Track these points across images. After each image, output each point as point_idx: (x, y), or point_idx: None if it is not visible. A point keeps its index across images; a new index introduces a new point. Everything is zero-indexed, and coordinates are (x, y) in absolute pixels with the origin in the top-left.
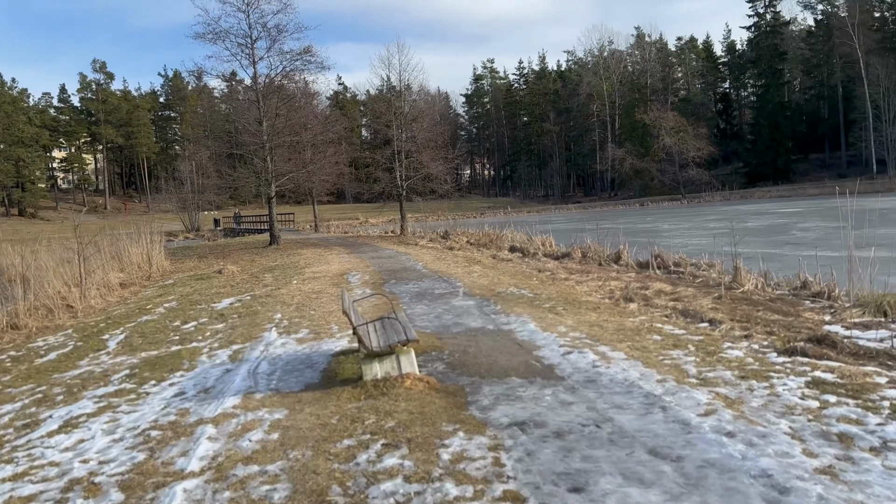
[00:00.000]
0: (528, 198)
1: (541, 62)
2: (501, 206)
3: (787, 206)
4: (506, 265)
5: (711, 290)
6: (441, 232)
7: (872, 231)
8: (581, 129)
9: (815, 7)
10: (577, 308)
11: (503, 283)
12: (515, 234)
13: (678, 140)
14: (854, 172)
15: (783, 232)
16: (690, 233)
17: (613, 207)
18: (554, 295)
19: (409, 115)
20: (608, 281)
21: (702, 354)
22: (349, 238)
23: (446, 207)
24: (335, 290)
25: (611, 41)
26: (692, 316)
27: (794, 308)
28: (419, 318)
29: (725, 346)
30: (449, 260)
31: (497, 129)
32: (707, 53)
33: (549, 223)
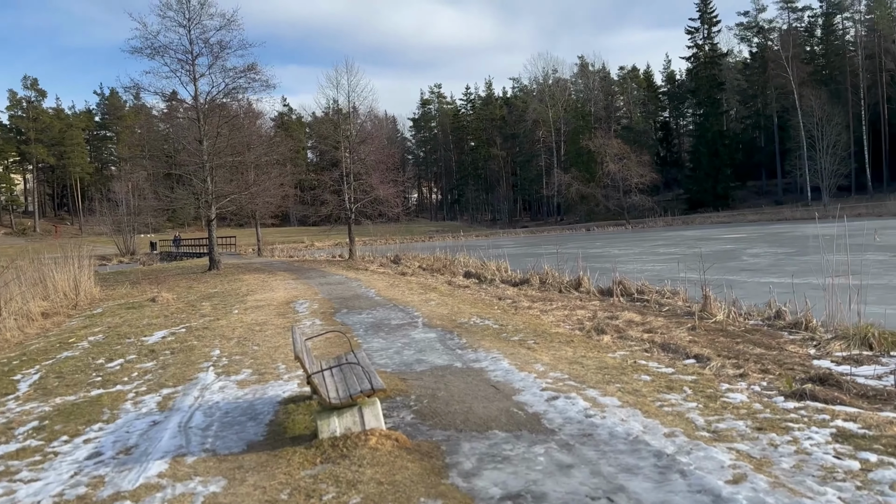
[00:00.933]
0: (475, 222)
1: (487, 88)
2: (450, 230)
3: (729, 231)
4: (463, 292)
5: (682, 319)
6: (391, 256)
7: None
8: (528, 155)
9: (751, 40)
10: (548, 341)
11: (464, 313)
12: (469, 259)
13: (622, 167)
14: (789, 199)
15: (734, 258)
16: (642, 258)
17: (561, 232)
18: (521, 326)
19: (358, 136)
20: (574, 310)
21: (702, 399)
22: (295, 262)
23: (394, 231)
24: (281, 322)
25: (555, 69)
26: (674, 350)
27: (774, 340)
28: (377, 353)
29: (724, 389)
30: (403, 286)
31: (444, 154)
32: (648, 83)
33: (500, 247)
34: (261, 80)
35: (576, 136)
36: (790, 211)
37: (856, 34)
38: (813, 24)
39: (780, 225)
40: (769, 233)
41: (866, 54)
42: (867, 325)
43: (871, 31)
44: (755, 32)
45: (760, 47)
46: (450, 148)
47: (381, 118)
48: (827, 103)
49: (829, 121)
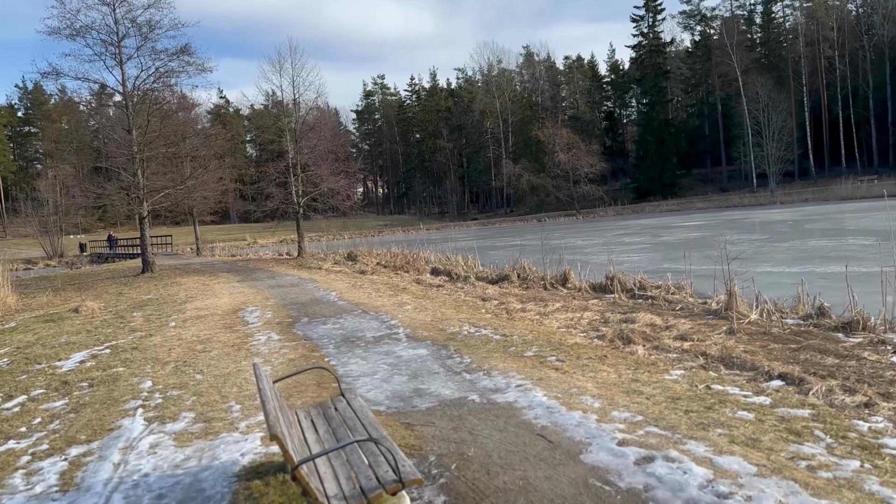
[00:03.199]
0: (424, 215)
1: (432, 79)
2: (399, 224)
3: (684, 219)
4: (438, 293)
5: (710, 321)
6: (345, 253)
7: (803, 243)
8: (475, 146)
9: (694, 28)
10: (574, 357)
11: (451, 319)
12: (431, 255)
13: (571, 156)
14: (734, 186)
15: (710, 246)
16: (611, 248)
17: (512, 224)
18: (528, 336)
19: (306, 124)
20: (578, 312)
21: (858, 452)
22: (238, 262)
23: (343, 226)
24: (229, 337)
25: (499, 60)
26: (740, 367)
27: (838, 346)
28: (358, 381)
29: (865, 429)
30: (367, 287)
31: (390, 146)
32: (593, 73)
33: (455, 241)
34: (196, 64)
35: (523, 127)
36: (738, 197)
37: (795, 22)
38: (753, 11)
39: (732, 211)
40: (727, 219)
41: (806, 42)
42: None
43: (809, 19)
44: (698, 20)
45: (703, 35)
46: (395, 140)
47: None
48: (772, 89)
49: (774, 107)
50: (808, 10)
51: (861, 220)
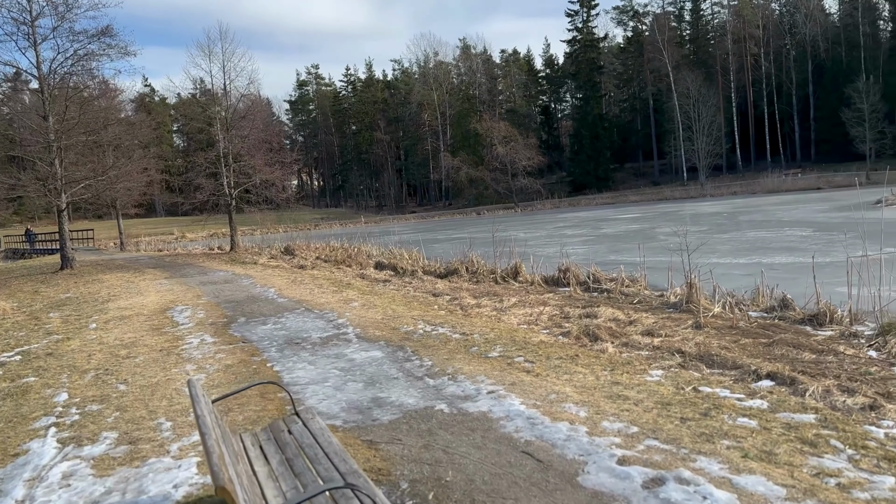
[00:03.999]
0: (361, 208)
1: (368, 70)
2: (336, 217)
3: (620, 212)
4: (386, 289)
5: (673, 315)
6: (281, 247)
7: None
8: (413, 138)
9: (627, 24)
10: (543, 357)
11: (403, 317)
12: (375, 248)
13: (510, 149)
14: (665, 180)
15: (651, 238)
16: (555, 241)
17: (452, 216)
18: (489, 334)
19: (238, 112)
20: (536, 307)
21: (889, 468)
22: (166, 257)
23: (277, 220)
24: (156, 340)
25: (436, 52)
26: (721, 364)
27: (810, 339)
28: (308, 390)
29: (882, 437)
30: (308, 283)
31: (325, 138)
32: (528, 67)
33: (395, 234)
34: (118, 47)
35: (461, 120)
36: (669, 191)
37: (723, 20)
38: (683, 8)
39: (665, 204)
40: (662, 212)
41: (733, 39)
42: None
43: (737, 17)
44: (631, 16)
45: (636, 31)
46: (331, 132)
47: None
48: (702, 85)
49: (704, 102)
50: (735, 8)
51: (793, 212)
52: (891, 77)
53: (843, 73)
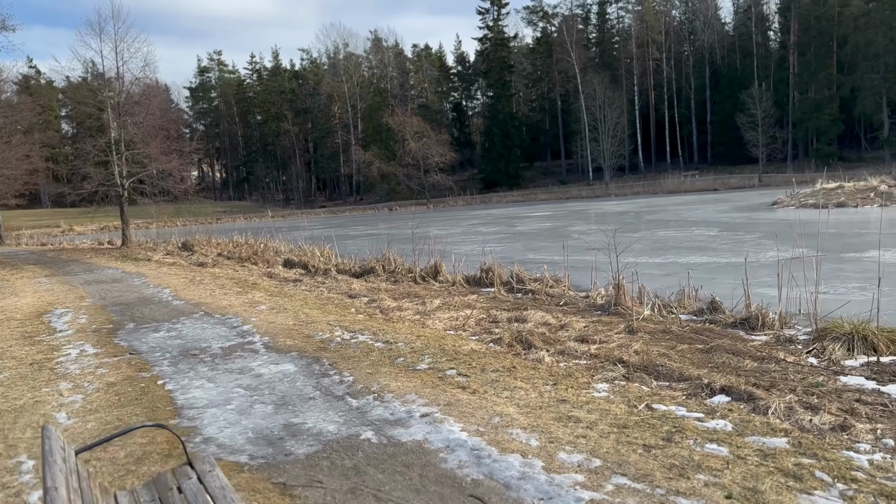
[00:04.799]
0: (267, 202)
1: (274, 59)
2: (240, 211)
3: (531, 210)
4: (297, 289)
5: (601, 317)
6: (179, 242)
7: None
8: (323, 131)
9: (537, 25)
10: (478, 370)
11: (318, 323)
12: (283, 245)
13: (422, 145)
14: (572, 179)
15: (566, 236)
16: (471, 239)
17: (363, 212)
18: (415, 342)
19: (132, 97)
20: (461, 309)
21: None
22: (49, 252)
23: (176, 213)
24: (27, 352)
25: (346, 43)
26: (666, 376)
27: (747, 345)
28: (204, 413)
29: (866, 465)
30: (209, 283)
31: (229, 127)
32: (440, 63)
33: (305, 229)
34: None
35: (373, 113)
36: (577, 190)
37: (629, 24)
38: (590, 12)
39: (573, 203)
40: (572, 210)
41: (637, 44)
42: (864, 323)
43: (641, 22)
44: (540, 17)
45: (545, 32)
46: (234, 121)
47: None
48: (608, 88)
49: (609, 104)
50: (639, 13)
51: (696, 212)
52: (780, 85)
53: (737, 80)
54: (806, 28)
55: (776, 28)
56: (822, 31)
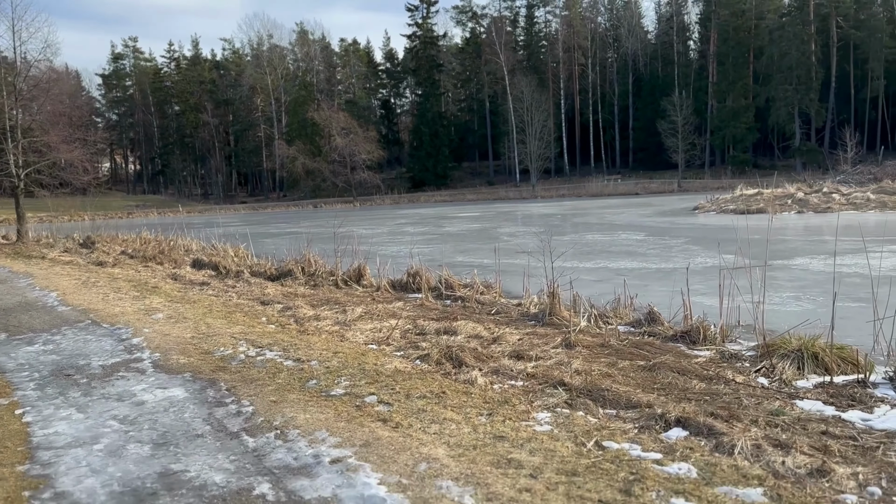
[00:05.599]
0: (184, 196)
1: (194, 48)
2: (154, 206)
3: (459, 210)
4: (202, 294)
5: (536, 329)
6: (81, 238)
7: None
8: (245, 124)
9: (466, 24)
10: (403, 396)
11: (221, 335)
12: (194, 243)
13: (349, 141)
14: (500, 180)
15: (495, 238)
16: (398, 239)
17: (286, 209)
18: (332, 359)
19: (30, 79)
20: (386, 319)
21: None
22: None
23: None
24: None
25: (270, 35)
26: (613, 402)
27: (689, 362)
28: (65, 454)
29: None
30: (104, 286)
31: (144, 118)
32: (368, 59)
33: (221, 226)
34: None
35: (298, 108)
36: (504, 191)
37: (557, 28)
38: (518, 14)
39: (501, 204)
40: (500, 212)
41: (564, 48)
42: (812, 339)
43: (568, 27)
44: (469, 17)
45: (474, 33)
46: (150, 111)
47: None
48: (535, 90)
49: (537, 107)
50: (566, 18)
51: (621, 216)
52: (699, 93)
53: (659, 87)
54: (725, 39)
55: (696, 38)
56: (740, 43)
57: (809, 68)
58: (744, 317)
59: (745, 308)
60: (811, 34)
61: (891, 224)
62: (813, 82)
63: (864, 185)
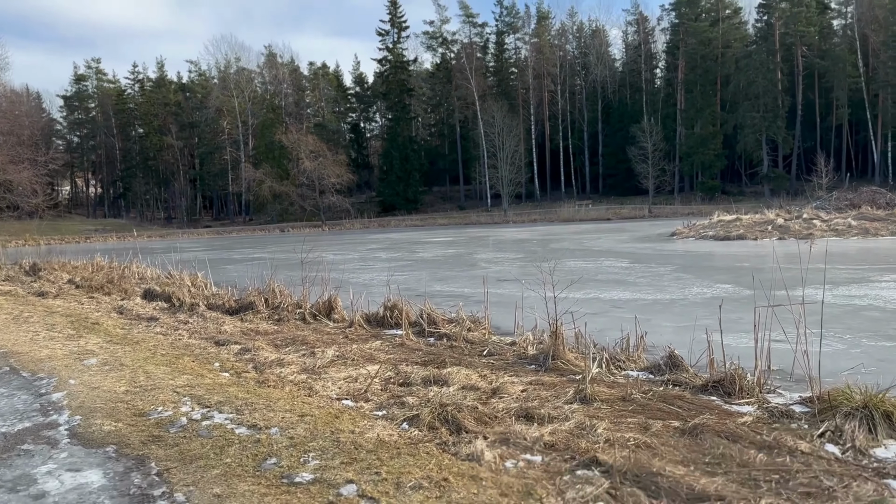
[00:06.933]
0: (147, 220)
1: (159, 70)
2: (115, 230)
3: (431, 235)
4: (149, 332)
5: (540, 376)
6: (27, 264)
7: (563, 264)
8: (210, 147)
9: (436, 50)
10: (392, 485)
11: (162, 388)
12: (148, 270)
13: (318, 165)
14: (471, 205)
15: (474, 265)
16: (371, 266)
17: (252, 233)
18: (297, 425)
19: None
20: (363, 365)
21: None
22: None
23: (35, 230)
24: None
25: (238, 57)
26: (670, 492)
27: (737, 423)
28: None
29: None
30: (38, 321)
31: (106, 140)
32: (338, 83)
33: (183, 251)
34: None
35: (265, 130)
36: (476, 216)
37: (526, 55)
38: (488, 41)
39: (473, 229)
40: (473, 237)
41: (534, 75)
42: (881, 393)
43: (537, 54)
44: (440, 43)
45: (444, 58)
46: (113, 133)
47: (20, 93)
48: (506, 116)
49: (508, 132)
50: (535, 45)
51: (598, 241)
52: (668, 120)
53: (628, 114)
54: (692, 67)
55: (663, 66)
56: (707, 71)
57: (776, 96)
58: (775, 359)
59: (777, 349)
60: (777, 63)
61: (881, 251)
62: (780, 110)
63: (842, 211)
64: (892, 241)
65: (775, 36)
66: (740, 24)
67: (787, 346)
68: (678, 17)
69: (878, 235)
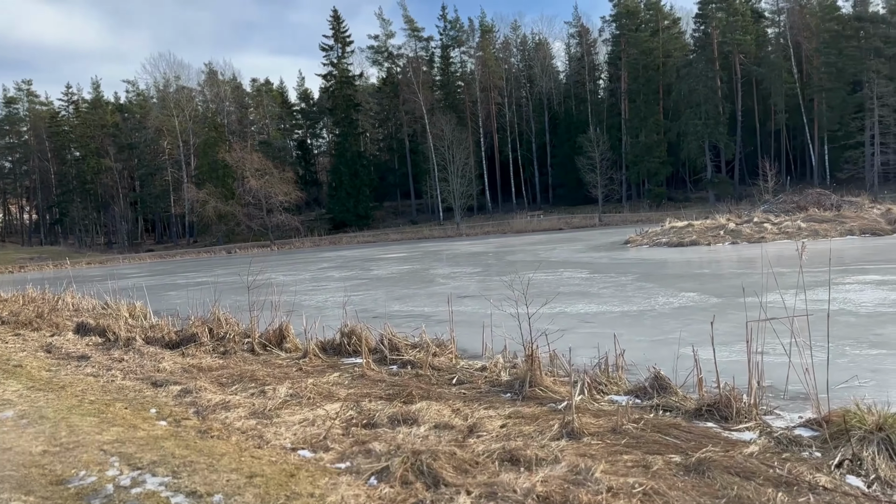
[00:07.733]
0: (85, 246)
1: (95, 90)
2: (51, 257)
3: (385, 251)
4: (78, 374)
5: (517, 405)
6: None
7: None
8: (151, 168)
9: (382, 64)
10: None
11: (86, 446)
12: (83, 300)
13: (264, 183)
14: (423, 219)
15: (431, 281)
16: (324, 287)
17: (197, 255)
18: (244, 490)
19: None
20: (320, 404)
21: None
22: None
23: None
24: None
25: (177, 76)
26: None
27: (743, 455)
28: None
29: None
30: None
31: (40, 164)
32: (282, 99)
33: (122, 277)
34: None
35: (208, 149)
36: (428, 230)
37: (473, 69)
38: (434, 55)
39: (426, 243)
40: (427, 251)
41: (481, 88)
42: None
43: (483, 67)
44: (385, 57)
45: (391, 73)
46: (47, 157)
47: None
48: (455, 129)
49: (458, 145)
50: (480, 58)
51: (554, 252)
52: (613, 130)
53: (574, 125)
54: (635, 77)
55: (606, 77)
56: (650, 80)
57: (717, 103)
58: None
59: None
60: (716, 71)
61: (835, 253)
62: (721, 116)
63: (790, 214)
64: (843, 242)
65: (713, 45)
66: (679, 33)
67: (773, 360)
68: (619, 28)
69: (829, 237)
